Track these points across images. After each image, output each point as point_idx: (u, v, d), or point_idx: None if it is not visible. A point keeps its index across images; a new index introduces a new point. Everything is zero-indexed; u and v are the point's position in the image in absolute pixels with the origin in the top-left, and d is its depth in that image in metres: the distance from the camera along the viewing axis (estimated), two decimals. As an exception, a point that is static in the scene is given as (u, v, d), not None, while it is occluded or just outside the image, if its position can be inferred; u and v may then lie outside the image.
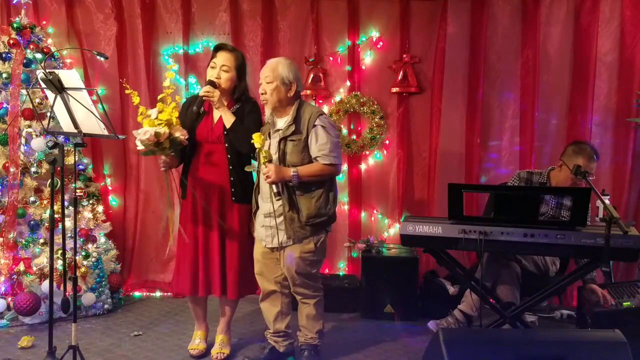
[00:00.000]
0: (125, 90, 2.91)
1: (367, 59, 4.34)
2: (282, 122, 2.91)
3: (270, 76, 2.86)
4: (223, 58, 3.02)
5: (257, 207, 3.02)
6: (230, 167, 3.03)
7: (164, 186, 4.27)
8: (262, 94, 2.89)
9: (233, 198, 3.05)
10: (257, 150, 2.80)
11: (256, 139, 2.77)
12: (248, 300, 3.96)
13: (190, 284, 3.11)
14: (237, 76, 3.05)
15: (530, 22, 4.19)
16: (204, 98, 2.95)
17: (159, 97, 2.86)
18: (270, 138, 2.95)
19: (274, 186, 2.82)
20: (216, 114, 3.05)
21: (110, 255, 4.06)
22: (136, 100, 2.84)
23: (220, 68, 3.01)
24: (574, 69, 4.20)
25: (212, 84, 2.97)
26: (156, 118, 2.77)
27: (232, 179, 3.04)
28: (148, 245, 4.44)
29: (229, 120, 2.96)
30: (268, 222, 2.93)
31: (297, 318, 3.14)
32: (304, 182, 2.82)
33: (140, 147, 2.81)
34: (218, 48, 3.07)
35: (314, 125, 2.84)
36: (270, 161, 2.82)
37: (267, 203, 2.92)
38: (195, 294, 3.14)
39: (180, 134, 2.85)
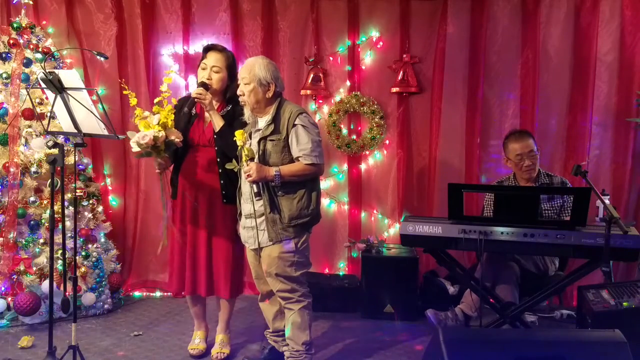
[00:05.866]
0: (124, 91, 2.90)
1: (367, 59, 4.34)
2: (263, 122, 2.84)
3: (247, 77, 2.77)
4: (214, 58, 3.01)
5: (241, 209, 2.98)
6: (221, 170, 3.00)
7: (164, 187, 4.32)
8: (240, 95, 2.82)
9: (224, 200, 3.04)
10: (239, 148, 2.73)
11: (238, 136, 2.70)
12: (248, 299, 3.97)
13: (178, 283, 3.14)
14: (228, 76, 3.03)
15: (530, 22, 4.18)
16: (195, 100, 2.95)
17: (155, 100, 2.86)
18: (251, 138, 2.89)
19: (254, 186, 2.74)
20: (208, 117, 3.03)
21: (110, 255, 4.06)
22: (133, 101, 2.84)
23: (211, 69, 3.00)
24: (574, 69, 4.19)
25: (204, 85, 2.95)
26: (157, 124, 2.77)
27: (222, 181, 3.02)
28: (148, 245, 4.44)
29: (217, 124, 2.95)
30: (249, 224, 2.87)
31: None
32: (285, 182, 2.74)
33: (135, 149, 2.78)
34: (208, 49, 3.05)
35: (294, 125, 2.75)
36: (252, 159, 2.73)
37: (248, 204, 2.86)
38: (180, 293, 3.16)
39: (175, 137, 2.84)
